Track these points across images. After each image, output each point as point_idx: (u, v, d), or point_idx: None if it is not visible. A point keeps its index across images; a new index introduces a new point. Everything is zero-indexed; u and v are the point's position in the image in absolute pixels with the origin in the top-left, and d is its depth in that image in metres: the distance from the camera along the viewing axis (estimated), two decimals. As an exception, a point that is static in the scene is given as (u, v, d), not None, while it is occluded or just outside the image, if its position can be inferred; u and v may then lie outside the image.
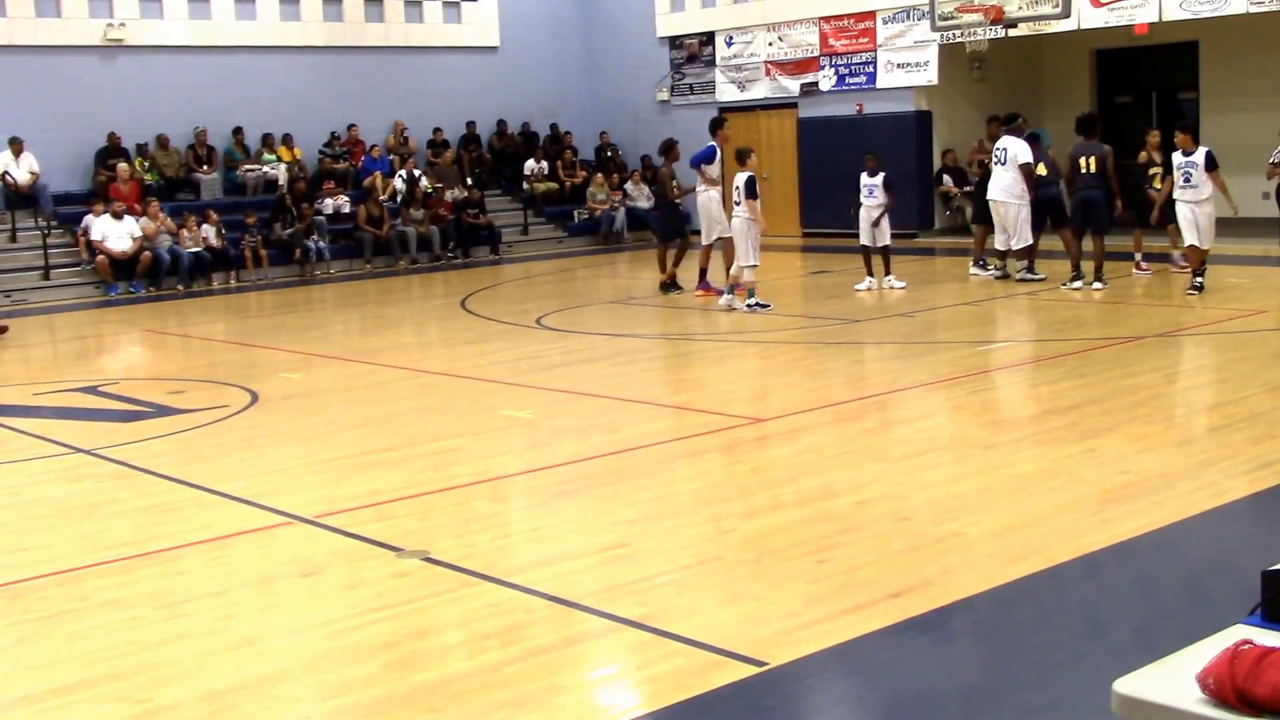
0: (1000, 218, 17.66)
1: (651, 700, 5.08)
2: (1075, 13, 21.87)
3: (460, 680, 5.32)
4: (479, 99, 28.87)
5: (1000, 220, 17.67)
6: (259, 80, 26.13)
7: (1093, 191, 16.16)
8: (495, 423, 10.68)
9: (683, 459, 9.30)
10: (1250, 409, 9.77)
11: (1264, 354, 12.02)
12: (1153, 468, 8.18)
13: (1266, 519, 7.42)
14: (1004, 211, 17.55)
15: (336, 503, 8.18)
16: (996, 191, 17.65)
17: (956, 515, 7.33)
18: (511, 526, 7.93)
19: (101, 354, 16.74)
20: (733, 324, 15.19)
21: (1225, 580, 6.09)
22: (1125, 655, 4.88)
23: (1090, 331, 13.46)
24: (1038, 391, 11.01)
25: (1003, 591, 6.10)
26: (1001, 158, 17.56)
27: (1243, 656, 2.57)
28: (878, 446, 9.32)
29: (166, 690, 5.36)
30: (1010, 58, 25.13)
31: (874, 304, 16.51)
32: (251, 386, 12.48)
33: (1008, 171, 17.48)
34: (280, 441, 10.25)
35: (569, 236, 27.94)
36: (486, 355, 14.10)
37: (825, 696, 5.27)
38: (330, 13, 27.12)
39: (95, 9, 24.50)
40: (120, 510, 8.34)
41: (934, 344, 13.73)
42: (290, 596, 6.50)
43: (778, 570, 6.52)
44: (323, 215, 24.93)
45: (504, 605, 6.21)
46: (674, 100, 29.10)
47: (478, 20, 29.07)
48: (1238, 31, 22.38)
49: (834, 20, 26.00)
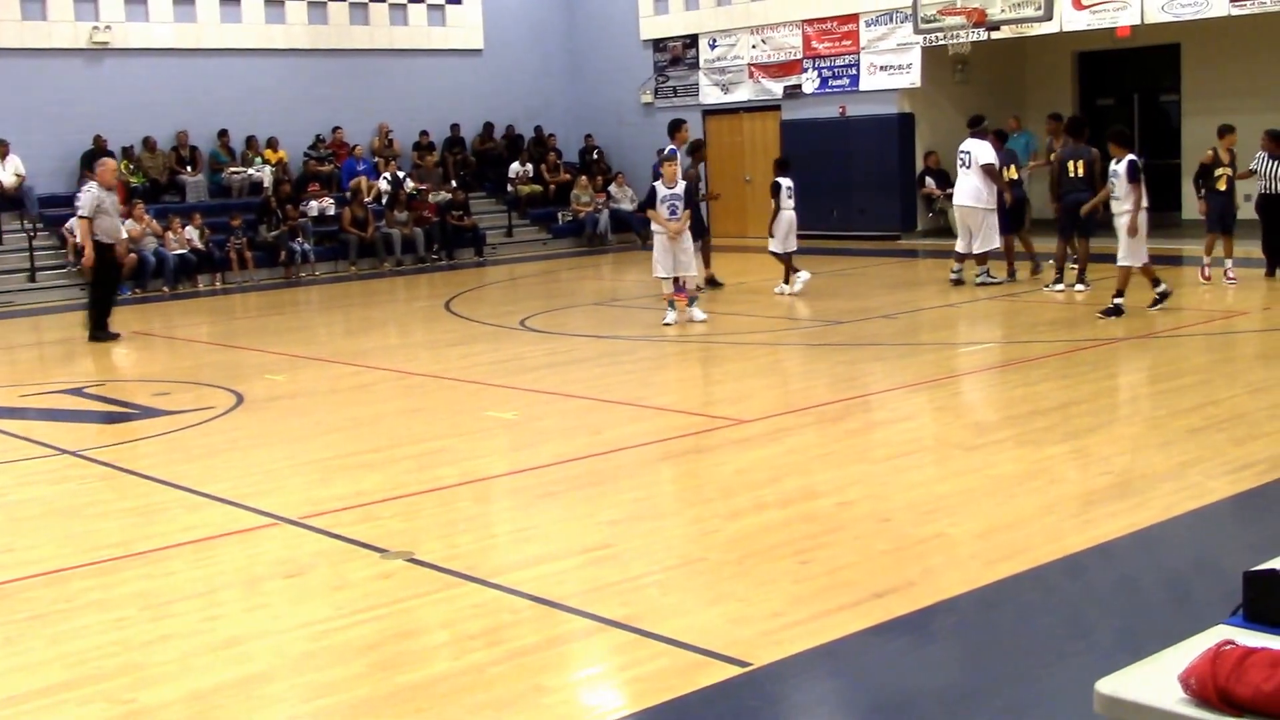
0: (965, 222, 17.67)
1: (635, 701, 5.09)
2: (1057, 15, 21.93)
3: (445, 681, 5.33)
4: (463, 101, 28.87)
5: (964, 224, 17.69)
6: (244, 83, 26.10)
7: (1080, 195, 16.17)
8: (480, 424, 10.68)
9: (666, 460, 9.31)
10: (1232, 410, 9.81)
11: (1245, 355, 12.07)
12: (1135, 469, 8.21)
13: (1248, 520, 7.46)
14: (969, 216, 17.58)
15: (321, 504, 8.19)
16: (962, 196, 17.70)
17: (939, 516, 7.35)
18: (496, 527, 7.94)
19: (87, 356, 16.69)
20: (716, 326, 15.20)
21: (1207, 581, 6.12)
22: (1108, 655, 4.91)
23: (1073, 333, 13.50)
24: (1020, 393, 11.05)
25: (985, 592, 6.12)
26: (966, 161, 17.59)
27: (1225, 657, 2.59)
28: (861, 447, 9.34)
29: (151, 691, 5.36)
30: (993, 60, 25.20)
31: (853, 307, 16.52)
32: (237, 388, 12.47)
33: (972, 175, 17.52)
34: (265, 443, 10.25)
35: (553, 238, 27.94)
36: (471, 357, 14.10)
37: (809, 697, 5.29)
38: (315, 15, 27.11)
39: (81, 12, 24.46)
40: (106, 511, 8.34)
41: (917, 345, 13.76)
42: (275, 597, 6.50)
43: (761, 571, 6.54)
44: (308, 217, 24.91)
45: (488, 606, 6.22)
46: (658, 103, 29.09)
47: (462, 23, 29.07)
48: (1220, 34, 22.45)
49: (817, 23, 26.04)
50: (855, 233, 25.67)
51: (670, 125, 18.46)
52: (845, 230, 25.78)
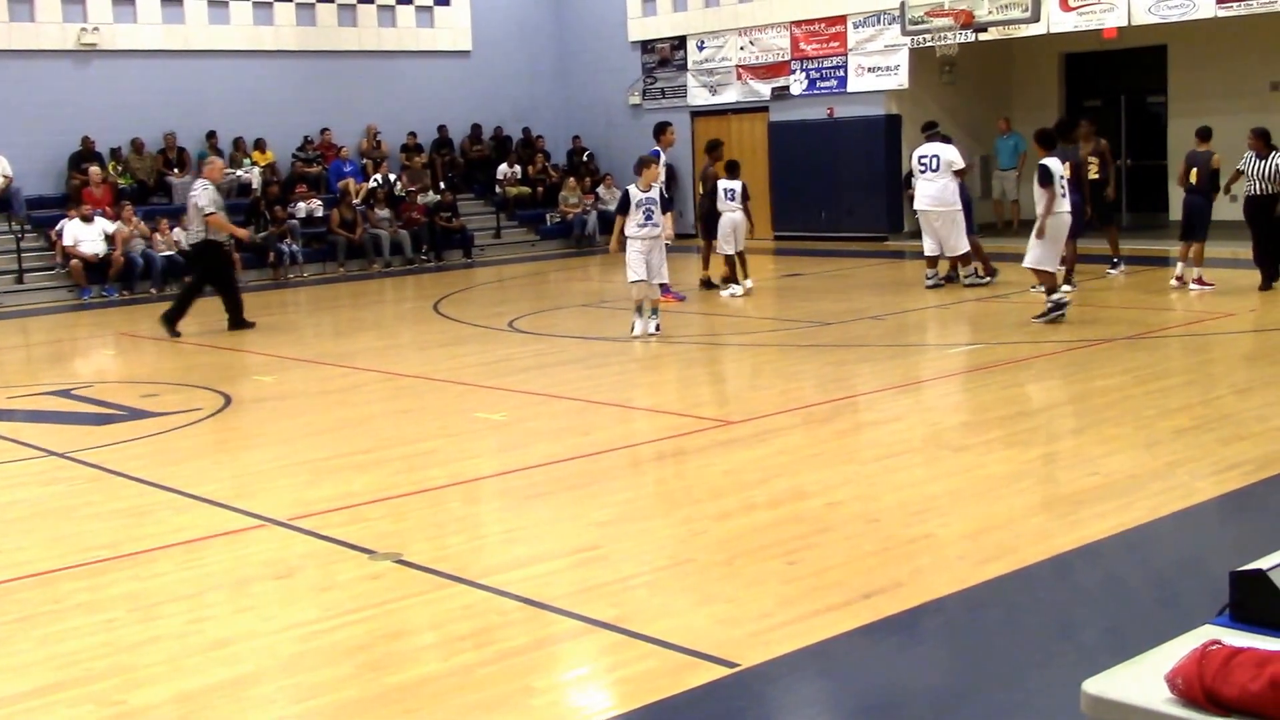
0: (930, 227, 17.65)
1: (624, 701, 5.10)
2: (1044, 16, 22.00)
3: (433, 682, 5.33)
4: (451, 103, 28.85)
5: (930, 228, 17.66)
6: (232, 84, 26.08)
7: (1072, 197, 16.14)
8: (468, 425, 10.68)
9: (655, 461, 9.32)
10: (1219, 411, 9.84)
11: (1232, 356, 12.10)
12: (1122, 469, 8.23)
13: (1235, 520, 7.48)
14: (935, 220, 17.57)
15: (310, 505, 8.18)
16: (924, 201, 17.69)
17: (927, 517, 7.37)
18: (485, 528, 7.94)
19: (75, 357, 16.67)
20: (704, 327, 15.22)
21: (1194, 581, 6.14)
22: (1095, 655, 4.93)
23: (1061, 334, 13.52)
24: (1008, 394, 11.06)
25: (973, 592, 6.14)
26: (934, 165, 17.56)
27: (1211, 657, 2.60)
28: (849, 448, 9.36)
29: (140, 692, 5.36)
30: (980, 61, 25.25)
31: (841, 308, 16.54)
32: (225, 389, 12.46)
33: (936, 180, 17.52)
34: (254, 444, 10.25)
35: (541, 240, 27.94)
36: (460, 358, 14.10)
37: (797, 697, 5.30)
38: (303, 17, 27.09)
39: (69, 13, 24.42)
40: (94, 513, 8.32)
41: (905, 347, 13.78)
42: (264, 599, 6.50)
43: (750, 572, 6.55)
44: (296, 219, 24.88)
45: (477, 607, 6.22)
46: (646, 104, 29.11)
47: (450, 25, 29.06)
48: (1206, 35, 22.52)
49: (805, 24, 26.07)
50: (843, 234, 25.70)
51: (656, 128, 18.46)
52: (833, 231, 25.82)
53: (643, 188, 14.57)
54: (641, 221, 14.51)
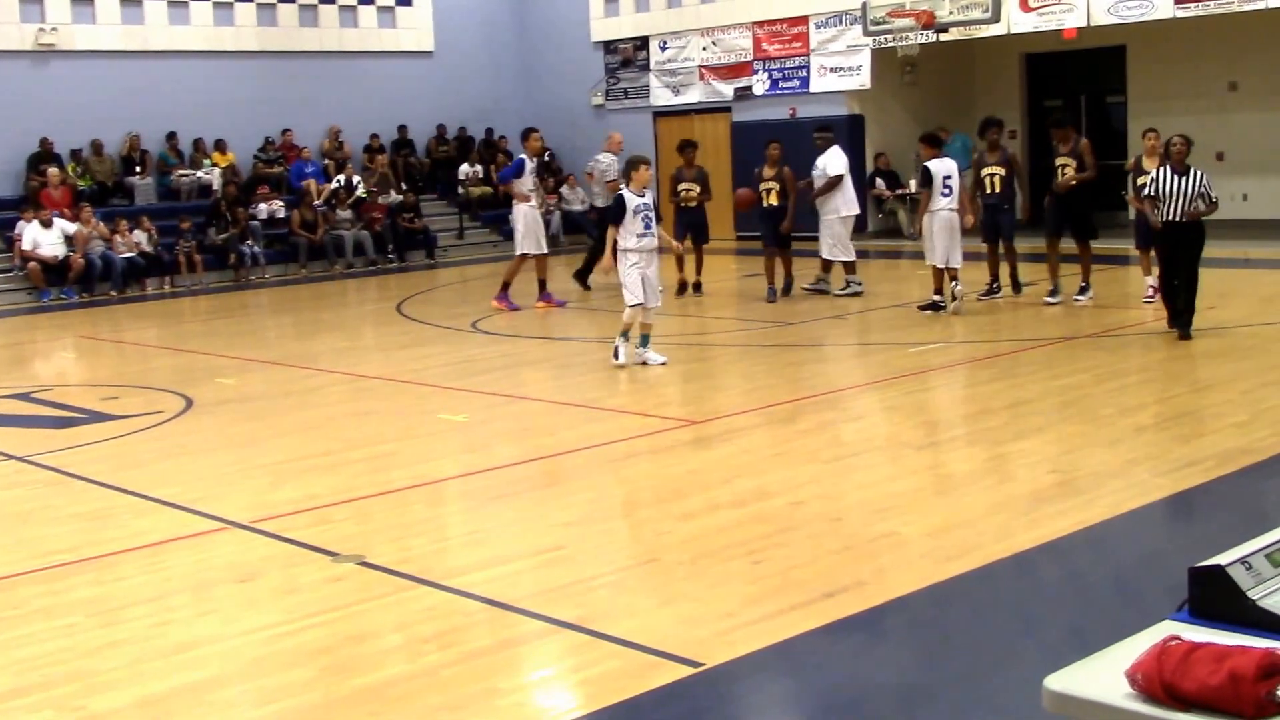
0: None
1: (589, 702, 5.10)
2: (1005, 17, 22.09)
3: (398, 684, 5.33)
4: (414, 104, 28.76)
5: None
6: (193, 85, 25.89)
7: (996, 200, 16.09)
8: (432, 426, 10.66)
9: (619, 462, 9.32)
10: (1177, 409, 9.92)
11: (1190, 354, 12.18)
12: (1083, 467, 8.28)
13: (1193, 516, 7.55)
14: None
15: (272, 508, 8.16)
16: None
17: (890, 515, 7.40)
18: (449, 530, 7.93)
19: (34, 360, 16.57)
20: (668, 328, 15.21)
21: (1153, 577, 6.18)
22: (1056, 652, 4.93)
23: (1021, 333, 13.59)
24: (970, 392, 11.12)
25: (936, 590, 6.17)
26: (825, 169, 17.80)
27: (1170, 652, 2.62)
28: (812, 448, 9.37)
29: (102, 698, 5.33)
30: (941, 62, 25.33)
31: (803, 308, 16.57)
32: (186, 392, 12.40)
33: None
34: (215, 447, 10.20)
35: (504, 240, 27.75)
36: (423, 359, 14.07)
37: (761, 696, 5.31)
38: (264, 17, 26.96)
39: (26, 13, 24.23)
40: (55, 517, 8.27)
41: (867, 346, 13.82)
42: (226, 602, 6.48)
43: (714, 571, 6.56)
44: (257, 220, 24.76)
45: (441, 608, 6.21)
46: (609, 105, 29.11)
47: (412, 25, 28.99)
48: (1165, 35, 22.66)
49: (767, 25, 26.11)
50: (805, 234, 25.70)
51: (522, 134, 18.58)
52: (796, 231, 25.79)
53: (637, 191, 12.61)
54: (641, 231, 12.51)
